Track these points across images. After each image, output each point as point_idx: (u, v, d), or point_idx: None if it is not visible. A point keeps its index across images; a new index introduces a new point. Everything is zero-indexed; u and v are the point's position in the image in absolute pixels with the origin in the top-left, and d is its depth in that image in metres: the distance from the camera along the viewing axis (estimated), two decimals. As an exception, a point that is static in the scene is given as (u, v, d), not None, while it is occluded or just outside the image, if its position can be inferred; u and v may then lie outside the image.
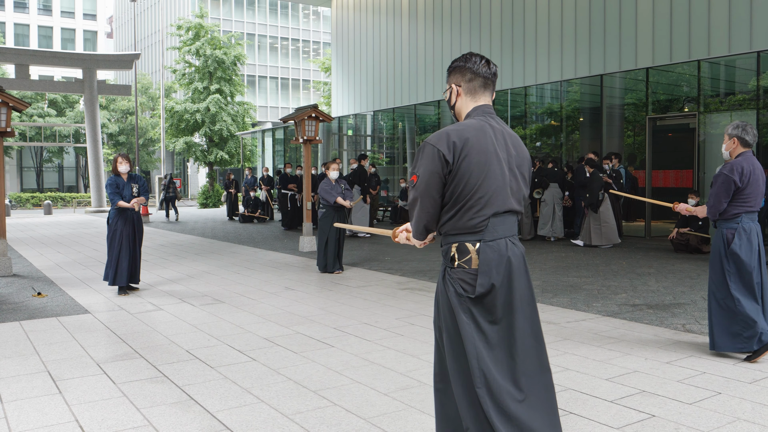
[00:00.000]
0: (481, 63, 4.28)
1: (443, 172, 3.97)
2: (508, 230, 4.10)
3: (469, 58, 4.30)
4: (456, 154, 3.95)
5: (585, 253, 17.23)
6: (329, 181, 14.67)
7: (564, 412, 5.87)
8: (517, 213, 4.17)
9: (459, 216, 4.01)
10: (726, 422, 5.58)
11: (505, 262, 4.01)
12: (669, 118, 20.60)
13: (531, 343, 4.07)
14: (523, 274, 4.10)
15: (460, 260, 4.03)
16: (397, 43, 31.88)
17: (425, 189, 4.01)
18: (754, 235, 7.56)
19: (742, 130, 7.63)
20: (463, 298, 4.00)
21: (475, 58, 4.30)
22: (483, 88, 4.29)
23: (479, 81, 4.27)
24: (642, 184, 21.10)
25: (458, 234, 4.03)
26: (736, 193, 7.48)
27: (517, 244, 4.14)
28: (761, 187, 7.59)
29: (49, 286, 13.37)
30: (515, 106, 25.75)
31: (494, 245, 4.02)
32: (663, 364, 7.28)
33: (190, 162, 72.27)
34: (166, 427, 5.62)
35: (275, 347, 8.27)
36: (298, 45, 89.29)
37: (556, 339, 8.47)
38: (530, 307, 4.11)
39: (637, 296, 11.37)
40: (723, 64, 19.05)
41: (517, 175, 4.17)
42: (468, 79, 4.27)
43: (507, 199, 4.07)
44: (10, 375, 7.15)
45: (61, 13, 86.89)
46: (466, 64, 4.29)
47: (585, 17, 22.46)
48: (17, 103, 14.80)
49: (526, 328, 4.06)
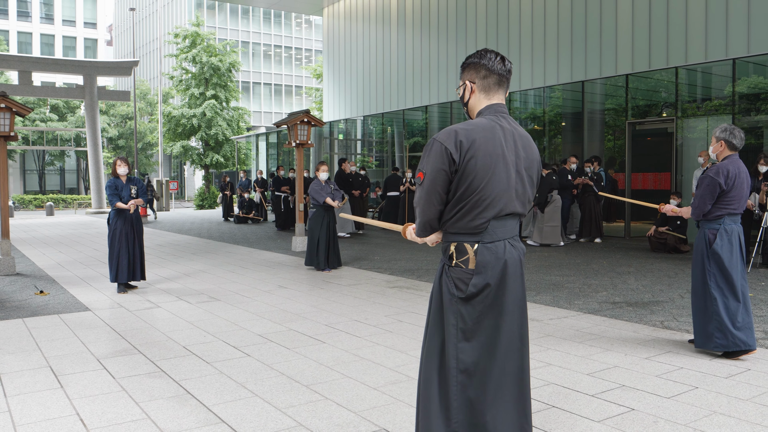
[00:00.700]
0: (497, 60, 4.09)
1: (450, 169, 3.85)
2: (508, 232, 4.03)
3: (484, 55, 4.11)
4: (462, 153, 3.83)
5: (567, 253, 17.24)
6: (319, 182, 14.70)
7: (546, 405, 5.87)
8: (519, 215, 4.08)
9: (460, 216, 3.93)
10: (703, 415, 5.58)
11: (501, 265, 3.95)
12: (648, 122, 20.62)
13: (516, 345, 4.02)
14: (518, 278, 4.04)
15: (458, 259, 3.97)
16: (385, 50, 31.88)
17: (431, 185, 3.90)
18: (735, 236, 7.55)
19: (729, 134, 7.60)
20: (455, 299, 3.95)
21: (491, 55, 4.10)
22: (497, 86, 4.10)
23: (494, 78, 4.08)
24: (622, 186, 21.15)
25: (458, 233, 3.95)
26: (720, 196, 7.46)
27: (516, 246, 4.07)
28: (745, 190, 7.58)
29: (51, 284, 13.33)
30: (500, 111, 25.73)
31: (492, 247, 3.95)
32: (642, 360, 7.29)
33: (186, 165, 72.37)
34: (163, 421, 5.61)
35: (269, 343, 8.26)
36: (290, 52, 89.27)
37: (539, 335, 8.47)
38: (521, 311, 4.05)
39: (617, 294, 11.38)
40: (700, 71, 19.09)
41: (524, 177, 4.04)
42: (482, 76, 4.09)
43: (510, 203, 3.97)
44: (14, 370, 7.13)
45: (62, 21, 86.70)
46: (481, 61, 4.10)
47: (567, 26, 22.49)
48: (20, 108, 14.78)
49: (514, 330, 4.01)
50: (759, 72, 17.65)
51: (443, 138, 3.88)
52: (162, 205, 46.89)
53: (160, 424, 5.54)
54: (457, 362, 3.93)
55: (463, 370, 3.91)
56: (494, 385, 3.94)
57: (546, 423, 5.45)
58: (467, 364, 3.92)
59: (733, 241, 7.53)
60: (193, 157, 51.75)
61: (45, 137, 66.17)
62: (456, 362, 3.93)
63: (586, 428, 5.34)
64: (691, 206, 7.77)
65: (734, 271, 7.48)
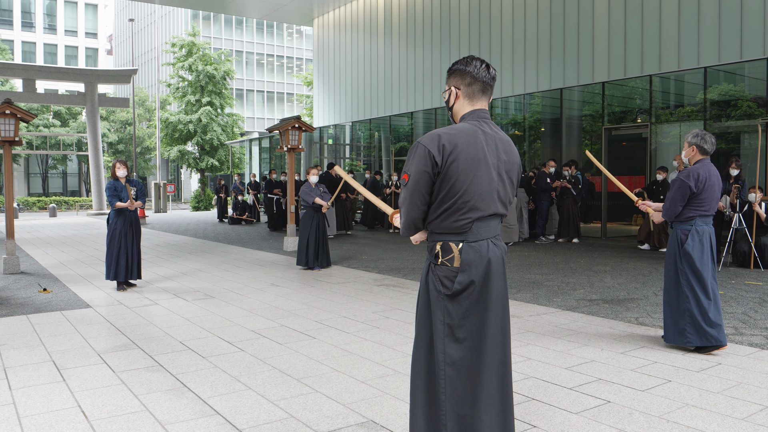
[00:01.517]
0: (482, 67, 4.08)
1: (432, 171, 3.86)
2: (491, 232, 4.03)
3: (470, 62, 4.10)
4: (445, 156, 3.84)
5: (546, 252, 17.26)
6: (309, 185, 14.71)
7: (527, 398, 5.87)
8: (501, 216, 4.09)
9: (445, 217, 3.94)
10: (675, 408, 5.59)
11: (485, 263, 3.96)
12: (623, 128, 20.66)
13: (500, 340, 4.02)
14: (501, 276, 4.04)
15: (443, 258, 3.98)
16: (373, 59, 31.87)
17: (415, 186, 3.91)
18: (707, 237, 7.57)
19: (701, 139, 7.65)
20: (441, 296, 3.96)
21: (476, 62, 4.09)
22: (481, 92, 4.10)
23: (478, 85, 4.08)
24: (598, 189, 21.19)
25: (443, 233, 3.95)
26: (691, 198, 7.49)
27: (499, 245, 4.08)
28: (716, 192, 7.60)
29: (54, 282, 13.29)
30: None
31: (476, 246, 3.96)
32: (618, 355, 7.30)
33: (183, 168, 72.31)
34: (161, 412, 5.59)
35: (261, 339, 8.25)
36: (282, 61, 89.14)
37: (519, 331, 8.48)
38: (503, 307, 4.06)
39: (594, 292, 11.40)
40: (673, 79, 19.13)
41: (505, 179, 4.05)
42: (467, 83, 4.08)
43: (492, 204, 3.98)
44: (18, 364, 7.11)
45: (65, 31, 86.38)
46: (467, 68, 4.09)
47: (546, 36, 22.52)
48: (24, 114, 14.75)
49: (497, 325, 4.01)
50: (729, 80, 17.71)
51: (427, 141, 3.89)
52: (159, 207, 46.82)
53: (158, 415, 5.53)
54: (444, 356, 3.93)
55: (451, 364, 3.92)
56: (480, 377, 3.94)
57: (526, 415, 5.45)
58: (454, 359, 3.93)
59: (704, 242, 7.54)
60: (189, 161, 51.61)
61: (48, 142, 65.94)
62: (444, 356, 3.94)
63: (565, 420, 5.35)
64: (663, 208, 7.79)
65: (705, 270, 7.50)
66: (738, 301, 10.34)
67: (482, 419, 3.93)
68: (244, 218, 31.78)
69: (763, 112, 16.58)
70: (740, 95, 17.47)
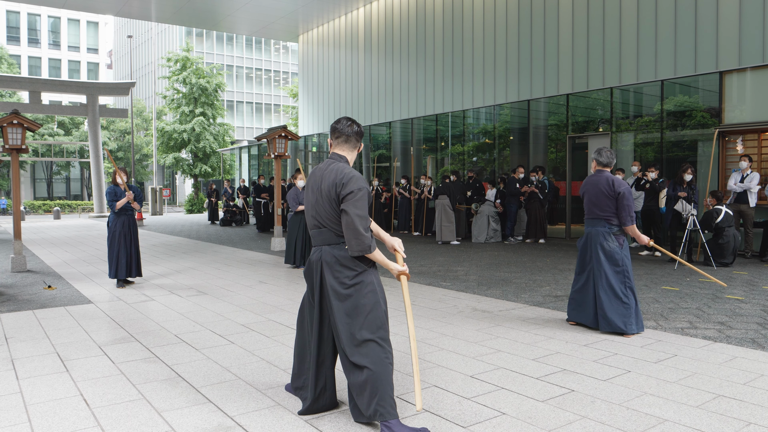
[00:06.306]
0: (347, 124, 5.09)
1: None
2: (324, 241, 4.97)
3: (339, 121, 5.12)
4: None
5: (515, 252, 17.28)
6: (296, 189, 14.64)
7: (496, 387, 5.87)
8: (324, 227, 4.95)
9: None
10: (635, 396, 5.60)
11: (319, 265, 5.01)
12: (586, 136, 20.69)
13: (343, 320, 4.88)
14: (329, 273, 4.92)
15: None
16: (354, 72, 31.84)
17: None
18: (590, 237, 8.37)
19: (597, 154, 8.36)
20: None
21: (344, 121, 5.11)
22: (345, 142, 5.10)
23: (342, 137, 5.09)
24: (563, 192, 21.23)
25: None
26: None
27: (331, 252, 4.94)
28: (590, 198, 8.36)
29: (58, 280, 13.24)
30: (455, 126, 25.77)
31: (315, 250, 5.06)
32: (581, 347, 7.32)
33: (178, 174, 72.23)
34: (157, 400, 5.56)
35: (250, 332, 8.23)
36: (270, 74, 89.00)
37: (490, 325, 8.48)
38: (337, 295, 4.91)
39: (559, 288, 11.43)
40: (632, 91, 19.18)
41: (323, 196, 4.91)
42: (335, 136, 5.10)
43: (312, 219, 5.02)
44: (25, 356, 7.07)
45: (68, 47, 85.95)
46: (337, 126, 5.09)
47: (514, 50, 22.56)
48: (31, 124, 14.76)
49: (333, 310, 4.91)
50: (684, 92, 17.76)
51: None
52: (156, 210, 46.73)
53: (155, 403, 5.50)
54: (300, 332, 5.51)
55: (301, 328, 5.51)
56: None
57: (496, 402, 5.45)
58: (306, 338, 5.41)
59: (621, 242, 8.19)
60: (183, 168, 51.45)
61: (52, 150, 65.66)
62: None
63: (532, 407, 5.34)
64: (629, 218, 8.03)
65: (630, 267, 8.09)
66: (692, 297, 10.38)
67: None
68: (233, 216, 31.90)
69: (716, 122, 16.65)
70: (694, 106, 17.53)
